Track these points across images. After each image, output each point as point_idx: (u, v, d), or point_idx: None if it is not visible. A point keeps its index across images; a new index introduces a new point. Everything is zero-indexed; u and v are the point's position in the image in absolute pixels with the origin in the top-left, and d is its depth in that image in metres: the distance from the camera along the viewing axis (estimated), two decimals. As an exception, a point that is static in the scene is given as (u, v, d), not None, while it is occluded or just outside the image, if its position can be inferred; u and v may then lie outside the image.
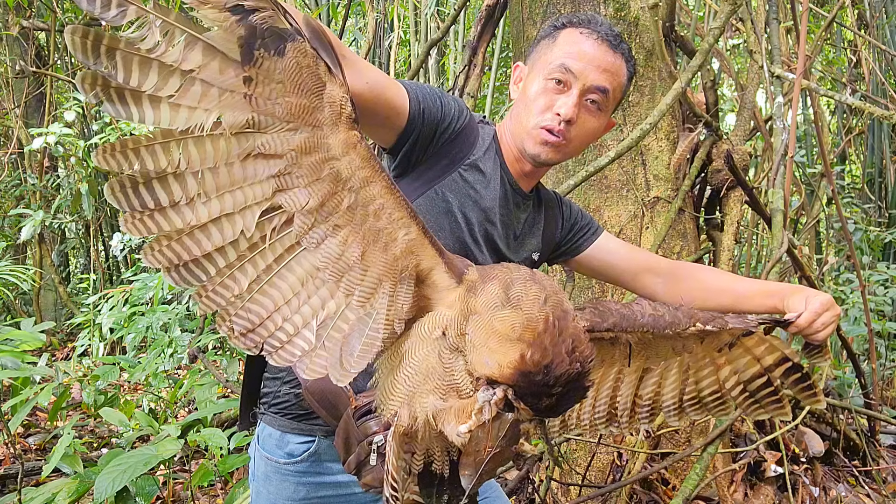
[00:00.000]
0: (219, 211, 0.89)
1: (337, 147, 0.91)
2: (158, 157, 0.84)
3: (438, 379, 0.97)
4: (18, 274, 4.57)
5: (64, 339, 6.36)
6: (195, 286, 0.93)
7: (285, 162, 0.90)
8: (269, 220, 0.92)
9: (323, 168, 0.91)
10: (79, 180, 5.47)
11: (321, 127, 0.89)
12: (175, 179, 0.86)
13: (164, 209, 0.87)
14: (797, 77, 2.65)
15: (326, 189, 0.93)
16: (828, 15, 3.98)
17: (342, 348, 0.98)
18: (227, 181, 0.88)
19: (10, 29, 6.03)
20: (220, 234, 0.90)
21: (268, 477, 1.40)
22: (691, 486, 2.28)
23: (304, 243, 0.95)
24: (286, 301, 0.96)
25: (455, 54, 5.20)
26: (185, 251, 0.90)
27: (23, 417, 2.61)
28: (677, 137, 2.92)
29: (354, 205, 0.95)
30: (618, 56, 1.36)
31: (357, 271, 0.98)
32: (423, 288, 1.02)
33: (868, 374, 3.55)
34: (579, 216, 1.60)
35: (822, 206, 5.00)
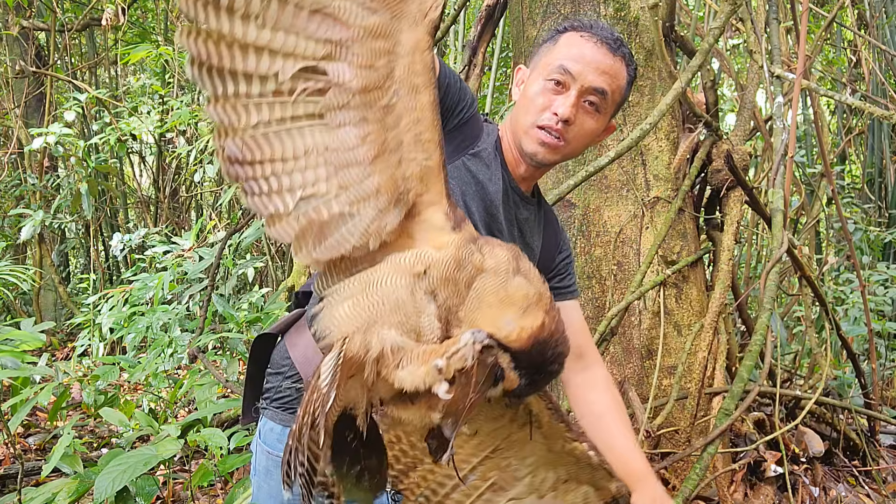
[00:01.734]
0: (266, 41, 0.87)
1: (406, 44, 0.89)
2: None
3: (404, 316, 0.91)
4: (18, 274, 4.57)
5: (64, 339, 6.36)
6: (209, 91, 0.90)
7: (351, 34, 0.88)
8: (306, 79, 0.90)
9: (382, 58, 0.89)
10: (79, 180, 5.47)
11: (401, 18, 0.87)
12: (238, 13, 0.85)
13: (220, 7, 0.86)
14: (797, 77, 2.65)
15: (375, 79, 0.90)
16: (828, 15, 3.99)
17: (316, 231, 0.95)
18: (288, 20, 0.87)
19: (10, 29, 6.03)
20: (256, 62, 0.88)
21: (269, 471, 1.41)
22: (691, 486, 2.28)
23: (326, 119, 0.92)
24: (282, 158, 0.94)
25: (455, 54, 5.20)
26: (217, 57, 0.88)
27: (23, 417, 2.61)
28: (677, 137, 2.92)
29: (392, 107, 0.92)
30: (617, 59, 1.37)
31: (361, 170, 0.95)
32: (412, 221, 0.98)
33: (868, 374, 3.55)
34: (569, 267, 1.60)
35: (822, 206, 5.00)
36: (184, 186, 7.69)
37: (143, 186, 8.07)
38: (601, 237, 2.81)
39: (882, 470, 3.31)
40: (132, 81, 7.75)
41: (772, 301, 2.50)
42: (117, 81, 7.65)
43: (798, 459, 3.16)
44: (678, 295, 2.81)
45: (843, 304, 4.40)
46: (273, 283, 6.21)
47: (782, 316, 4.19)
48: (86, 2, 6.80)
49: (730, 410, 2.55)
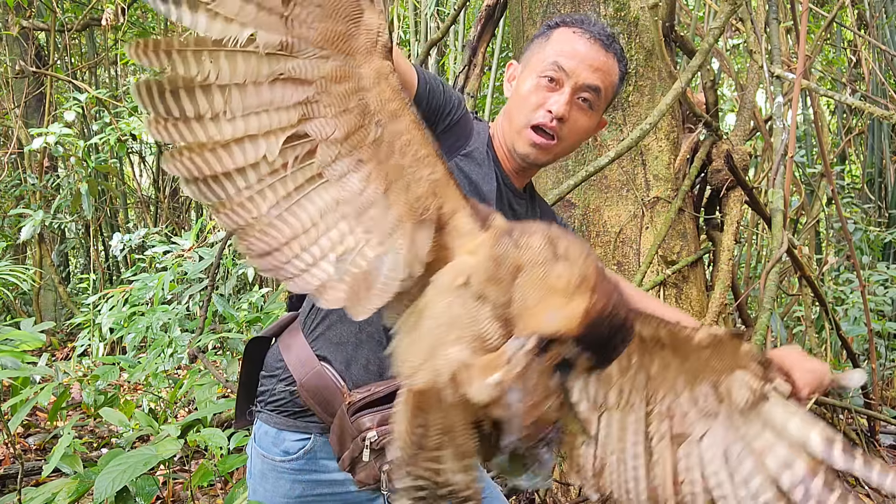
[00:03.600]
0: (243, 131, 0.89)
1: (368, 77, 0.90)
2: (189, 64, 0.84)
3: (464, 329, 0.91)
4: (18, 274, 4.57)
5: (64, 339, 6.35)
6: (213, 201, 0.91)
7: (314, 89, 0.89)
8: (293, 147, 0.91)
9: (352, 98, 0.90)
10: (79, 180, 5.47)
11: (354, 55, 0.88)
12: (202, 92, 0.86)
13: (189, 120, 0.87)
14: (797, 77, 2.65)
15: (353, 121, 0.92)
16: (828, 15, 3.99)
17: (360, 284, 0.96)
18: (253, 102, 0.88)
19: (10, 29, 6.03)
20: (243, 154, 0.90)
21: (264, 475, 1.41)
22: (691, 486, 2.28)
23: (326, 175, 0.94)
24: (305, 230, 0.95)
25: (455, 54, 5.19)
26: (206, 166, 0.89)
27: (22, 417, 2.61)
28: (677, 137, 2.92)
29: (380, 139, 0.93)
30: (610, 56, 1.37)
31: (378, 208, 0.96)
32: (444, 234, 0.99)
33: (868, 374, 3.55)
34: None
35: (822, 206, 5.00)
36: (184, 186, 7.68)
37: (143, 186, 8.07)
38: (601, 237, 2.81)
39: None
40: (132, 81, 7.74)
41: (772, 301, 2.50)
42: (117, 81, 7.64)
43: (798, 459, 3.15)
44: (678, 295, 2.81)
45: (843, 304, 4.40)
46: (273, 283, 6.21)
47: (782, 316, 4.19)
48: (86, 2, 6.80)
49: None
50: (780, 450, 1.08)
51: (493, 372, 0.85)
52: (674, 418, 1.15)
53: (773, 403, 1.10)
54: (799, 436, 1.07)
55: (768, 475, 1.08)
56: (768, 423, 1.10)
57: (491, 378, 0.85)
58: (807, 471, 1.05)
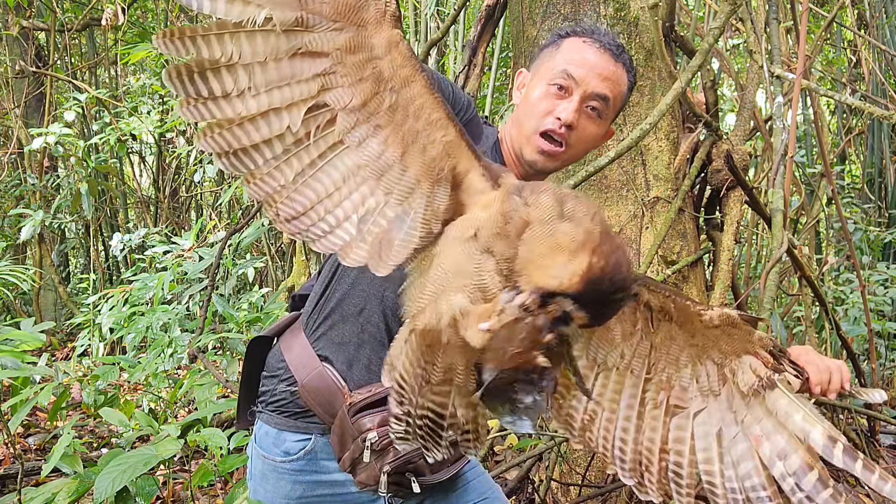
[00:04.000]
0: (267, 105, 0.94)
1: (380, 46, 0.95)
2: (213, 47, 0.90)
3: (467, 278, 0.97)
4: (18, 274, 4.57)
5: (64, 339, 6.35)
6: (243, 173, 0.98)
7: (331, 61, 0.95)
8: (315, 117, 0.97)
9: (366, 67, 0.96)
10: (79, 180, 5.47)
11: (366, 26, 0.93)
12: (228, 71, 0.92)
13: (217, 98, 0.92)
14: (797, 77, 2.65)
15: (369, 88, 0.97)
16: (828, 15, 3.99)
17: (381, 242, 1.02)
18: (275, 76, 0.93)
19: (10, 29, 6.03)
20: (268, 127, 0.95)
21: (264, 475, 1.41)
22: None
23: (346, 141, 1.00)
24: (328, 194, 1.01)
25: (455, 54, 5.19)
26: (234, 140, 0.95)
27: (22, 417, 2.61)
28: (677, 137, 2.92)
29: (395, 105, 0.98)
30: (619, 66, 1.39)
31: (396, 170, 1.02)
32: (459, 192, 1.04)
33: (868, 374, 3.55)
34: None
35: (822, 206, 5.00)
36: (184, 186, 7.69)
37: (143, 186, 8.07)
38: (601, 237, 2.81)
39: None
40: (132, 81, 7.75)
41: (772, 301, 2.50)
42: (117, 81, 7.64)
43: (798, 459, 3.15)
44: (678, 295, 2.81)
45: (843, 304, 4.40)
46: (273, 283, 6.21)
47: (782, 316, 4.19)
48: (86, 2, 6.80)
49: (730, 410, 2.55)
50: (778, 439, 1.08)
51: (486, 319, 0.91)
52: (672, 390, 1.16)
53: (779, 393, 1.10)
54: (801, 429, 1.07)
55: (761, 462, 1.09)
56: (771, 412, 1.10)
57: (482, 324, 0.91)
58: (802, 464, 1.05)
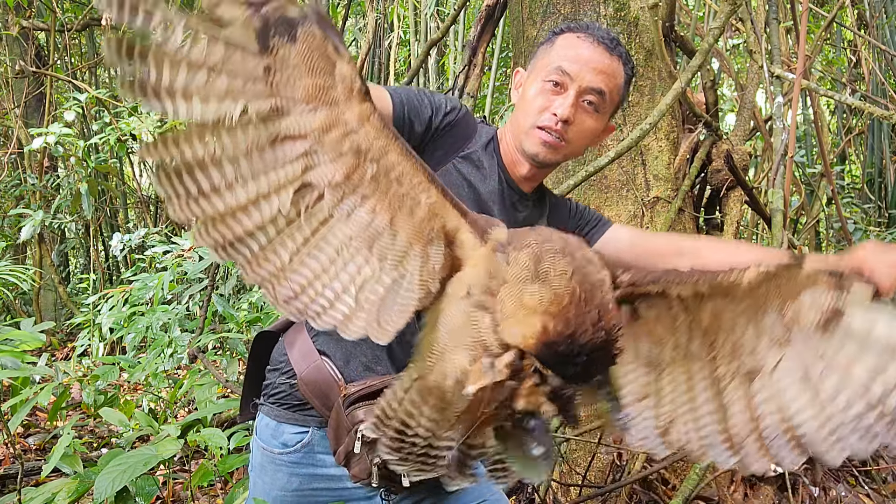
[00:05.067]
0: (256, 192, 0.97)
1: (353, 121, 0.97)
2: (196, 148, 0.92)
3: (467, 336, 1.00)
4: (18, 274, 4.57)
5: (64, 339, 6.35)
6: (241, 261, 1.00)
7: (310, 141, 0.97)
8: (303, 196, 1.00)
9: (344, 143, 0.98)
10: (78, 180, 5.47)
11: (337, 104, 0.96)
12: (214, 167, 0.94)
13: (207, 194, 0.94)
14: (797, 77, 2.65)
15: (350, 162, 1.00)
16: (828, 15, 3.99)
17: (380, 309, 1.04)
18: (260, 164, 0.96)
19: (10, 29, 6.03)
20: (260, 213, 0.98)
21: (263, 467, 1.43)
22: (691, 485, 2.28)
23: (335, 215, 1.02)
24: (325, 269, 1.03)
25: (455, 54, 5.20)
26: (229, 231, 0.97)
27: (22, 417, 2.61)
28: (677, 137, 2.92)
29: (377, 174, 1.01)
30: (614, 59, 1.39)
31: (387, 237, 1.04)
32: (453, 248, 1.06)
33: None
34: (587, 212, 1.60)
35: (822, 206, 5.00)
36: (184, 186, 7.68)
37: (143, 186, 8.07)
38: (601, 237, 2.81)
39: (882, 470, 3.30)
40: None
41: (772, 301, 2.49)
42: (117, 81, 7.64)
43: (798, 459, 3.15)
44: (678, 295, 2.81)
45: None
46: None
47: (782, 316, 4.18)
48: (86, 2, 6.80)
49: (730, 410, 2.54)
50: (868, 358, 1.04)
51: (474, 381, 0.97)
52: (742, 357, 1.13)
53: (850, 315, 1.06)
54: (888, 338, 1.02)
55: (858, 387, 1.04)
56: (849, 335, 1.06)
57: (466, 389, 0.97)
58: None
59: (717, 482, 2.75)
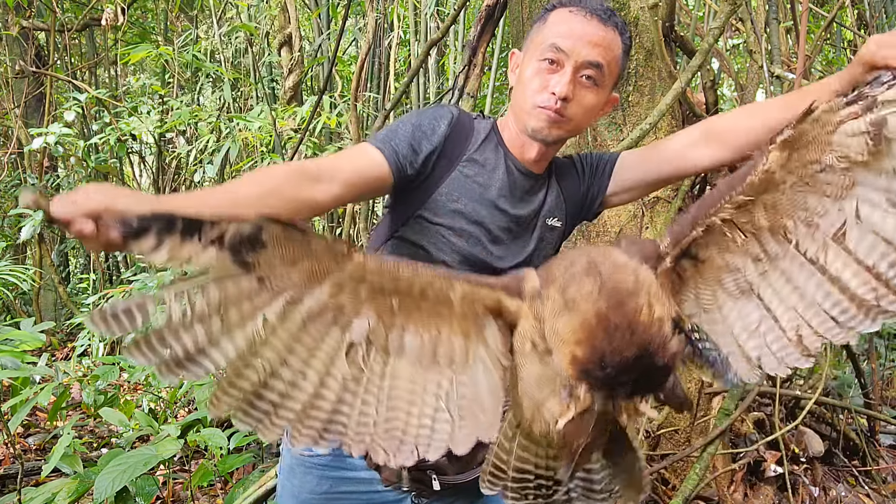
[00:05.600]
0: (317, 377, 1.00)
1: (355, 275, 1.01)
2: (250, 376, 0.96)
3: (549, 382, 1.03)
4: (18, 274, 4.57)
5: (64, 339, 6.35)
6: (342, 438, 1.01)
7: (331, 308, 1.01)
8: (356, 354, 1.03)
9: (359, 292, 1.02)
10: (79, 180, 5.48)
11: (332, 272, 0.99)
12: (274, 378, 0.97)
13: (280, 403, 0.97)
14: (797, 77, 2.65)
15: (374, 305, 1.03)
16: (828, 15, 3.98)
17: (474, 408, 1.06)
18: (305, 352, 0.99)
19: (10, 29, 6.02)
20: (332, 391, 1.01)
21: (292, 470, 1.43)
22: (691, 485, 2.28)
23: (391, 353, 1.05)
24: (412, 404, 1.05)
25: (455, 54, 5.19)
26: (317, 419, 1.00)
27: (22, 417, 2.61)
28: (677, 137, 2.92)
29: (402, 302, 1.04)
30: (609, 29, 1.35)
31: (444, 345, 1.07)
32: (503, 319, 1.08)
33: (868, 374, 3.55)
34: (594, 158, 1.56)
35: (822, 206, 4.99)
36: (184, 186, 7.68)
37: (143, 186, 8.07)
38: (601, 237, 2.81)
39: (882, 470, 3.31)
40: (132, 81, 7.75)
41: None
42: (117, 81, 7.64)
43: (798, 459, 3.16)
44: (678, 295, 2.81)
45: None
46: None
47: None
48: (86, 2, 6.80)
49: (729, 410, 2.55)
50: None
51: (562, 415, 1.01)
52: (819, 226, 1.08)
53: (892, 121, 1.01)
54: None
55: None
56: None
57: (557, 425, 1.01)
58: None
59: (717, 482, 2.75)
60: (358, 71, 4.04)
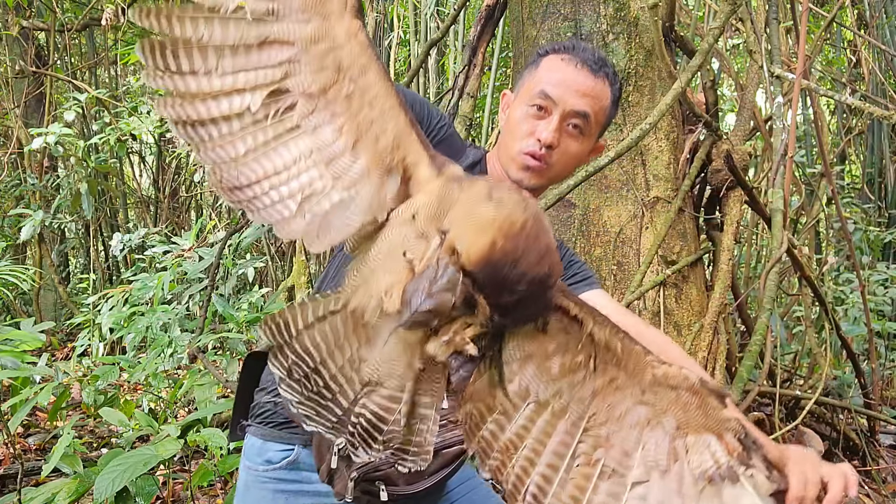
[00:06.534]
0: (231, 85, 0.99)
1: (341, 35, 1.00)
2: (186, 28, 0.96)
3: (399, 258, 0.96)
4: (18, 274, 4.57)
5: (64, 339, 6.35)
6: (196, 142, 1.01)
7: (296, 49, 1.00)
8: (275, 101, 1.02)
9: (328, 56, 1.00)
10: (78, 180, 5.47)
11: (329, 17, 0.98)
12: (199, 51, 0.97)
13: (184, 74, 0.98)
14: (797, 77, 2.65)
15: (329, 77, 1.01)
16: (828, 15, 3.98)
17: (321, 222, 1.04)
18: (243, 61, 0.99)
19: (10, 29, 6.02)
20: (229, 105, 1.00)
21: (247, 486, 1.42)
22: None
23: (303, 126, 1.04)
24: (276, 172, 1.03)
25: (455, 54, 5.19)
26: (194, 112, 1.00)
27: (22, 417, 2.61)
28: (677, 137, 2.92)
29: (352, 93, 1.02)
30: (599, 80, 1.38)
31: (348, 157, 1.04)
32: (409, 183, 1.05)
33: (868, 374, 3.56)
34: (578, 265, 1.56)
35: (822, 206, 5.00)
36: (184, 186, 7.68)
37: (143, 186, 8.07)
38: (601, 237, 2.81)
39: (882, 470, 3.31)
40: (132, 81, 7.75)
41: (771, 301, 2.50)
42: (117, 81, 7.64)
43: (798, 459, 3.15)
44: (678, 295, 2.81)
45: (842, 304, 4.40)
46: (273, 283, 6.21)
47: (782, 316, 4.19)
48: (86, 2, 6.80)
49: (730, 410, 2.54)
50: None
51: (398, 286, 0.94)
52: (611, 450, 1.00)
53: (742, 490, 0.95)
54: None
55: None
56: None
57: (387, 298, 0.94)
58: None
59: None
60: None
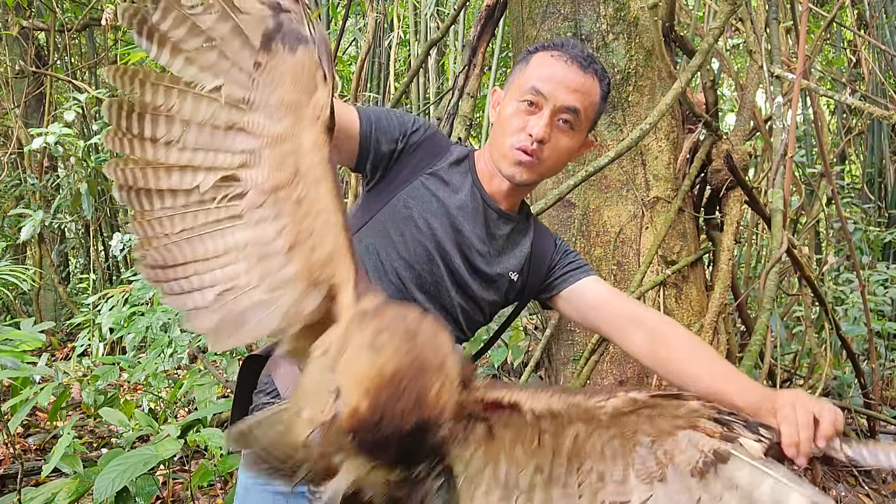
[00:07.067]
0: (188, 161, 0.98)
1: (307, 143, 0.99)
2: (159, 95, 0.95)
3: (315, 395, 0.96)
4: (18, 274, 4.57)
5: (64, 339, 6.35)
6: (135, 209, 1.00)
7: (261, 143, 0.99)
8: (227, 186, 1.01)
9: (289, 158, 0.99)
10: (78, 180, 5.47)
11: (301, 122, 0.98)
12: (165, 121, 0.96)
13: (145, 139, 0.97)
14: (797, 77, 2.65)
15: (285, 177, 1.00)
16: (828, 15, 3.98)
17: (234, 319, 1.02)
18: (206, 140, 0.98)
19: (10, 29, 6.02)
20: (180, 179, 0.99)
21: (246, 489, 1.43)
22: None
23: (246, 218, 1.02)
24: (205, 258, 1.02)
25: (455, 54, 5.19)
26: (142, 179, 0.98)
27: (22, 417, 2.61)
28: (677, 137, 2.92)
29: (302, 199, 1.00)
30: (588, 76, 1.40)
31: (280, 260, 1.02)
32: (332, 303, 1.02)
33: (868, 374, 3.56)
34: (573, 255, 1.59)
35: (822, 206, 5.00)
36: (184, 186, 7.68)
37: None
38: (601, 237, 2.81)
39: (882, 470, 3.30)
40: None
41: (771, 301, 2.50)
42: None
43: (798, 459, 3.15)
44: (678, 295, 2.81)
45: (842, 304, 4.40)
46: (273, 283, 6.20)
47: (782, 316, 4.19)
48: (86, 2, 6.80)
49: (730, 410, 2.54)
50: None
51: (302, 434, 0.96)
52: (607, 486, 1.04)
53: (736, 464, 0.99)
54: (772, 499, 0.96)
55: None
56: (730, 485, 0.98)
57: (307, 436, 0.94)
58: None
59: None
60: (358, 71, 4.04)
